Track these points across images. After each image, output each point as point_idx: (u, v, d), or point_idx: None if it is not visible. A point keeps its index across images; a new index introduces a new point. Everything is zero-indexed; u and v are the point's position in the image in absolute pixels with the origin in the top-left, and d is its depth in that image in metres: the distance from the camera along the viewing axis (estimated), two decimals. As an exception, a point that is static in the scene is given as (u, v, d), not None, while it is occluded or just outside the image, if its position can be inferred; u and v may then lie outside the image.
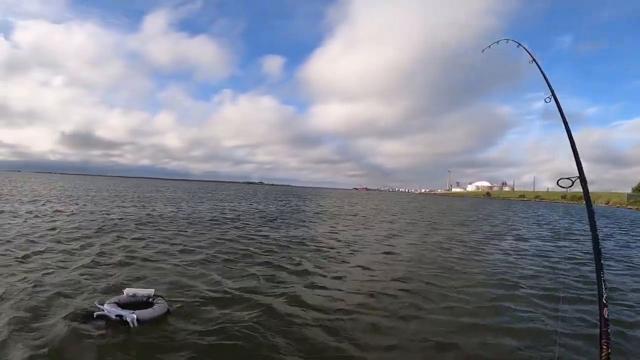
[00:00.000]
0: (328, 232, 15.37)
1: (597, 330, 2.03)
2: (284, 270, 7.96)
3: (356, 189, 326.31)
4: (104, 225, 12.81)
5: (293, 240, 12.04)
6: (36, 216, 14.49)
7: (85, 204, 21.58)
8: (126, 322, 4.47)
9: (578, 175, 2.41)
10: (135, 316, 4.49)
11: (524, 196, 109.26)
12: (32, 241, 9.36)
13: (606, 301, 2.17)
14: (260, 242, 11.36)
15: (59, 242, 9.50)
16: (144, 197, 32.79)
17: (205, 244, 10.54)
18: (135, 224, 13.77)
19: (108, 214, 16.75)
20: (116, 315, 4.53)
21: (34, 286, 5.72)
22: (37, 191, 33.00)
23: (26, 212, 15.44)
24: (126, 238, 10.74)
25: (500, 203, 70.80)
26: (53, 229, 11.52)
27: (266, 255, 9.50)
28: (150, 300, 5.18)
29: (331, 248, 11.09)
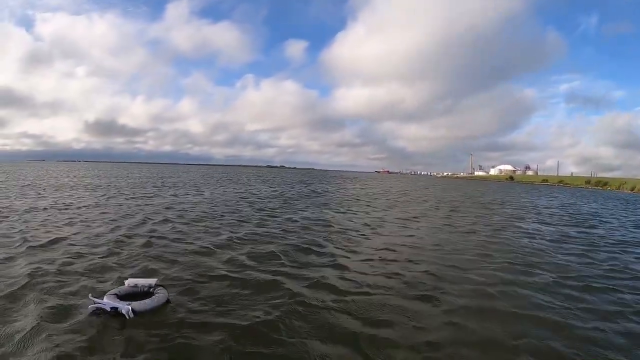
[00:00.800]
0: (352, 214, 15.43)
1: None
2: (308, 253, 8.08)
3: (378, 172, 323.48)
4: (129, 212, 13.34)
5: (317, 222, 12.16)
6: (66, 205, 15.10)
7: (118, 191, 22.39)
8: (122, 314, 4.47)
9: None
10: (130, 308, 4.48)
11: (546, 181, 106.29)
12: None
13: None
14: (284, 224, 11.52)
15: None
16: (169, 182, 33.55)
17: (227, 227, 10.74)
18: (164, 208, 14.29)
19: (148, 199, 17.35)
20: (111, 308, 4.52)
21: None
22: (75, 178, 34.31)
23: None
24: (152, 220, 11.16)
25: (523, 187, 68.83)
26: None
27: (289, 236, 9.64)
28: (151, 290, 5.16)
29: (355, 230, 11.15)
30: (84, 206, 14.07)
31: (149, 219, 11.40)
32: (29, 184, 24.70)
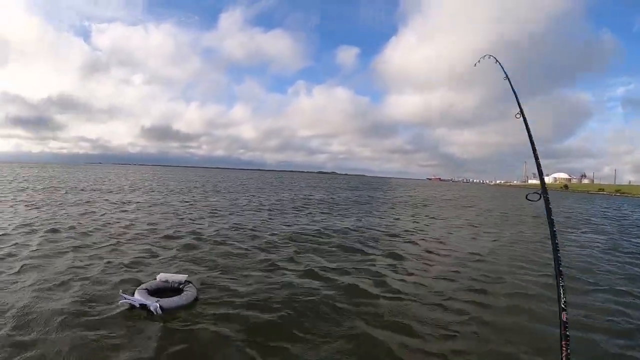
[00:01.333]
0: (411, 223, 15.30)
1: None
2: (347, 256, 8.21)
3: (429, 179, 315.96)
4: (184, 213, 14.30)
5: (372, 230, 12.11)
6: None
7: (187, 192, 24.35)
8: (150, 311, 4.55)
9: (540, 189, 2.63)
10: (158, 305, 4.53)
11: (603, 190, 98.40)
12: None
13: (565, 306, 2.34)
14: (336, 231, 11.53)
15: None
16: (221, 186, 35.02)
17: (278, 231, 10.89)
18: (214, 210, 15.04)
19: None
20: (140, 304, 4.61)
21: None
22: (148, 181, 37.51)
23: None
24: (201, 221, 11.78)
25: (578, 197, 63.75)
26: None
27: (330, 240, 9.76)
28: (180, 286, 5.24)
29: (398, 235, 11.18)
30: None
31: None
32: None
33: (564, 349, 2.11)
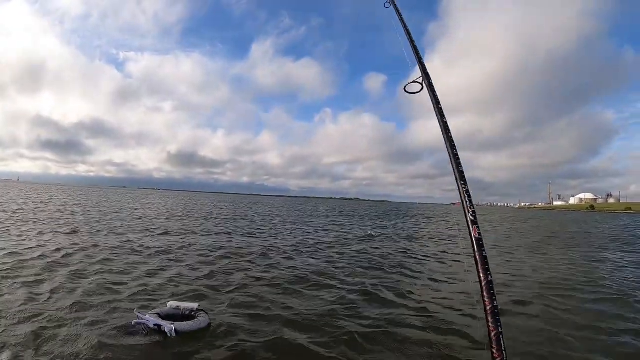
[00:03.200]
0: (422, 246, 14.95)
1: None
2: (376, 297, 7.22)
3: (453, 204, 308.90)
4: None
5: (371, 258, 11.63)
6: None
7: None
8: (164, 332, 4.54)
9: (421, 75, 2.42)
10: (173, 327, 4.53)
11: (630, 209, 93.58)
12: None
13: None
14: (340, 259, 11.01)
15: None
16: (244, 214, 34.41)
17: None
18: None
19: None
20: (155, 325, 4.58)
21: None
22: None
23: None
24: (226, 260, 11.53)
25: (604, 217, 60.59)
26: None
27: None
28: (192, 313, 5.18)
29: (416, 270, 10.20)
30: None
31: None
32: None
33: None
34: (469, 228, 2.00)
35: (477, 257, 1.88)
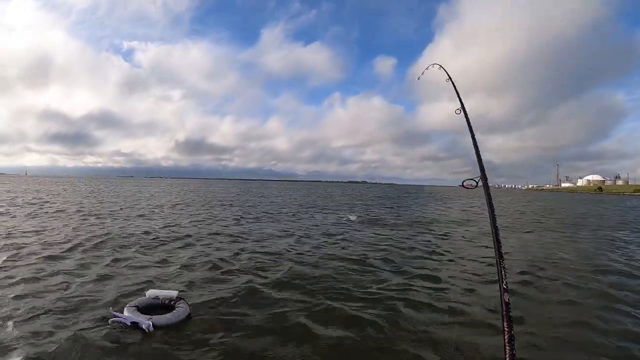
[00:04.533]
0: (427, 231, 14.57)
1: None
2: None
3: (464, 186, 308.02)
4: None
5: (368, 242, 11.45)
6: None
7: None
8: (142, 328, 4.45)
9: (480, 175, 2.83)
10: (150, 323, 4.45)
11: (639, 190, 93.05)
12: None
13: (506, 286, 2.49)
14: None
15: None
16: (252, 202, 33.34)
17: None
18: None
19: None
20: (132, 322, 4.50)
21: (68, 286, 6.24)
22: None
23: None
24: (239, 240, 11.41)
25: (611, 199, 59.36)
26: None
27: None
28: (172, 303, 5.10)
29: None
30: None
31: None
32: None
33: (507, 330, 2.18)
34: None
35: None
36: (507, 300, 2.22)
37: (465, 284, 7.17)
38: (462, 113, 3.11)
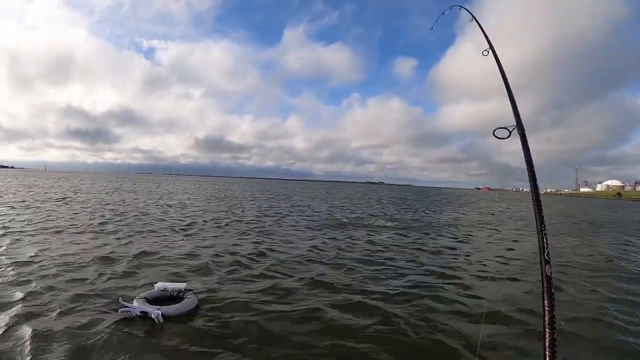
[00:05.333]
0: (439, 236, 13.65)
1: None
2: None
3: (478, 188, 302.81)
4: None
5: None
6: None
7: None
8: (151, 319, 4.44)
9: (515, 124, 2.26)
10: (159, 312, 4.46)
11: None
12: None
13: (548, 257, 1.98)
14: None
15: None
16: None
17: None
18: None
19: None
20: (141, 312, 4.50)
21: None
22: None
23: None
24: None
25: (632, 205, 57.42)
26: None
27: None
28: (180, 294, 5.14)
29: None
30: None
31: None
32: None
33: (547, 309, 1.76)
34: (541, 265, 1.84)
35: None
36: (549, 274, 1.79)
37: (493, 283, 7.14)
38: (490, 53, 2.60)
